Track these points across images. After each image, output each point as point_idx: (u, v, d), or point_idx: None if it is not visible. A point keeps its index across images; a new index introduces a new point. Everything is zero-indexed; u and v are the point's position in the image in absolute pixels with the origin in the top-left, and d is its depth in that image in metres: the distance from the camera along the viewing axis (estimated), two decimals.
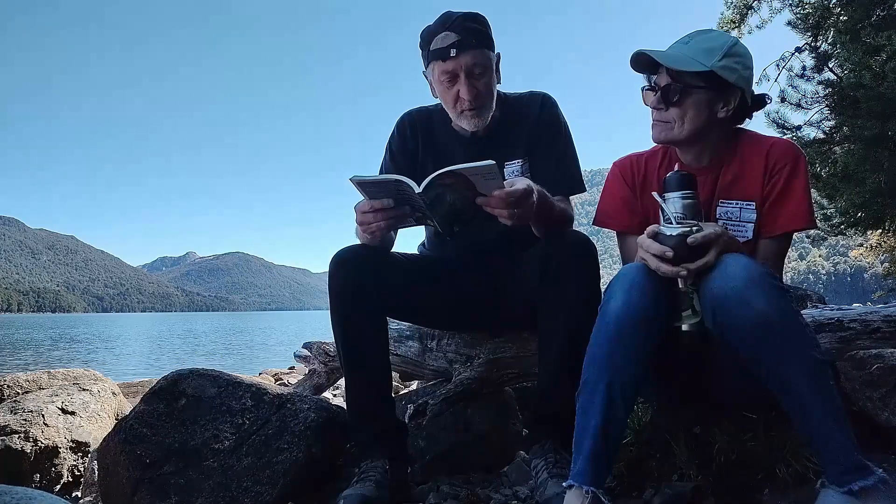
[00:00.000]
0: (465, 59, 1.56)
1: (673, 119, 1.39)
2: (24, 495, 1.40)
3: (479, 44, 1.58)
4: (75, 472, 2.64)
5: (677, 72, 1.35)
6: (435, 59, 1.59)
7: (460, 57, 1.55)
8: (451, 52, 1.55)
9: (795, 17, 7.41)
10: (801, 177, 1.39)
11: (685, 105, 1.37)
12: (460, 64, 1.56)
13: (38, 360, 16.06)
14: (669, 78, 1.37)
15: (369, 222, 1.43)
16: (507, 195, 1.31)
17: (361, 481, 1.49)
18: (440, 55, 1.57)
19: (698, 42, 1.37)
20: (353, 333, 1.60)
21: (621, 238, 1.57)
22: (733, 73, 1.33)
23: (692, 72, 1.34)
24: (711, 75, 1.33)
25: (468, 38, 1.55)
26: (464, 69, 1.57)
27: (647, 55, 1.38)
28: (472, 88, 1.59)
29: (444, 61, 1.57)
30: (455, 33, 1.55)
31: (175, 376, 1.81)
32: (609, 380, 1.18)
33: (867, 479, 1.05)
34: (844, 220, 7.66)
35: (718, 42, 1.35)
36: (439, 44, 1.56)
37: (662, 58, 1.36)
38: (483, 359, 1.93)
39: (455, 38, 1.55)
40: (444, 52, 1.56)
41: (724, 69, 1.32)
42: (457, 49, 1.54)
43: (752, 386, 1.19)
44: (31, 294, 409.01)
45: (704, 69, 1.32)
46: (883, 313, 1.79)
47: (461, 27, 1.56)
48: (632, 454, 1.56)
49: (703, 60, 1.33)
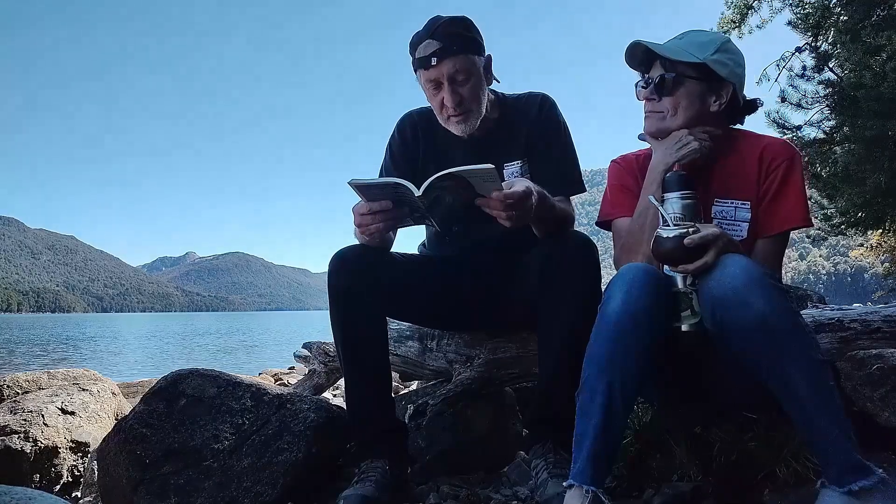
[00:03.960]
0: (447, 67, 1.56)
1: (666, 109, 1.42)
2: (24, 495, 1.40)
3: (462, 49, 1.57)
4: (75, 472, 2.64)
5: (671, 62, 1.39)
6: (419, 68, 1.61)
7: (441, 65, 1.56)
8: (432, 60, 1.56)
9: (795, 17, 7.42)
10: (797, 175, 1.40)
11: (678, 95, 1.40)
12: (442, 72, 1.56)
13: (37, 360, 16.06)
14: (663, 69, 1.41)
15: (368, 224, 1.43)
16: (506, 197, 1.31)
17: (361, 481, 1.49)
18: (422, 64, 1.58)
19: (692, 37, 1.42)
20: (352, 333, 1.60)
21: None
22: (725, 67, 1.38)
23: (685, 62, 1.38)
24: (704, 68, 1.37)
25: (450, 44, 1.55)
26: (446, 77, 1.57)
27: (641, 48, 1.43)
28: (455, 95, 1.59)
29: (427, 69, 1.58)
30: (437, 41, 1.55)
31: (175, 376, 1.81)
32: (609, 380, 1.18)
33: (867, 479, 1.05)
34: (845, 220, 7.66)
35: (711, 38, 1.41)
36: (422, 52, 1.58)
37: (658, 48, 1.40)
38: (483, 359, 1.93)
39: (437, 46, 1.55)
40: (426, 60, 1.57)
41: (716, 63, 1.37)
42: (437, 57, 1.55)
43: (752, 386, 1.20)
44: (31, 294, 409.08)
45: (697, 61, 1.37)
46: (883, 313, 1.79)
47: (444, 34, 1.56)
48: (632, 454, 1.56)
49: (697, 53, 1.37)
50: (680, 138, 1.40)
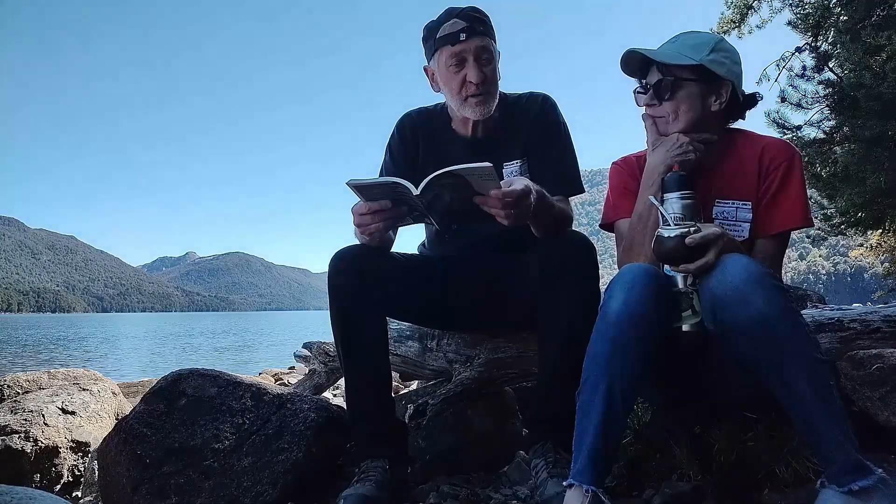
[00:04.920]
0: (475, 43, 1.60)
1: (667, 113, 1.41)
2: (24, 495, 1.40)
3: (486, 33, 1.63)
4: (75, 472, 2.64)
5: (667, 67, 1.39)
6: (443, 45, 1.62)
7: (470, 41, 1.60)
8: (461, 35, 1.59)
9: (795, 17, 7.42)
10: (797, 175, 1.40)
11: (678, 98, 1.39)
12: (470, 47, 1.60)
13: (38, 360, 16.05)
14: (660, 74, 1.40)
15: (367, 224, 1.43)
16: (505, 195, 1.31)
17: (361, 481, 1.49)
18: (449, 39, 1.61)
19: (685, 39, 1.42)
20: (352, 333, 1.60)
21: None
22: (722, 66, 1.37)
23: (682, 65, 1.37)
24: (701, 69, 1.37)
25: (476, 25, 1.61)
26: (473, 52, 1.61)
27: (636, 56, 1.42)
28: (480, 73, 1.62)
29: (454, 45, 1.61)
30: (463, 20, 1.60)
31: (175, 376, 1.81)
32: (609, 379, 1.18)
33: (867, 478, 1.05)
34: (844, 220, 7.66)
35: (705, 38, 1.41)
36: (448, 29, 1.61)
37: (652, 54, 1.40)
38: (483, 359, 1.93)
39: (464, 24, 1.60)
40: (453, 36, 1.60)
41: (712, 62, 1.36)
42: (466, 34, 1.59)
43: (752, 386, 1.20)
44: (31, 294, 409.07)
45: (694, 62, 1.36)
46: (883, 313, 1.79)
47: (468, 16, 1.61)
48: (632, 454, 1.56)
49: (692, 55, 1.37)
50: (675, 140, 1.40)
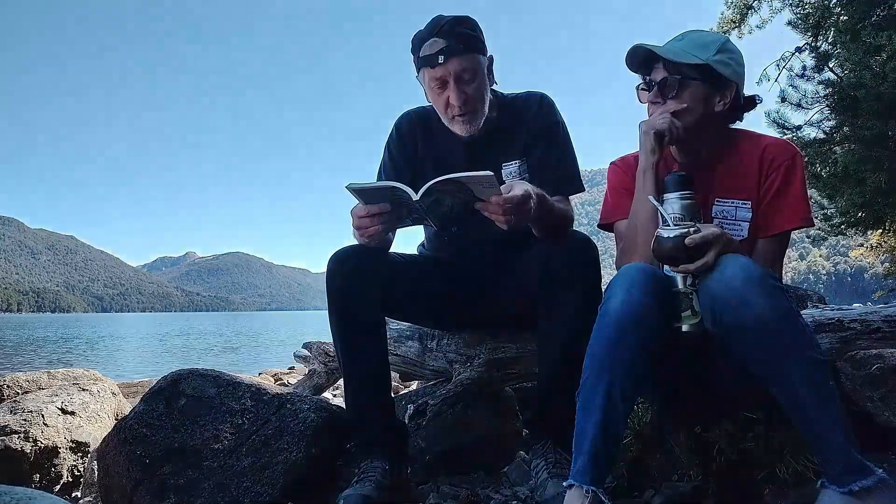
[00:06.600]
0: (454, 66, 1.55)
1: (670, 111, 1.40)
2: (24, 495, 1.40)
3: (468, 49, 1.57)
4: (75, 472, 2.64)
5: (674, 65, 1.38)
6: (424, 66, 1.59)
7: (448, 63, 1.55)
8: (438, 58, 1.54)
9: (795, 17, 7.43)
10: (798, 175, 1.40)
11: (683, 98, 1.39)
12: (448, 70, 1.55)
13: (37, 360, 16.05)
14: (666, 72, 1.39)
15: (367, 226, 1.43)
16: (505, 201, 1.30)
17: (361, 481, 1.49)
18: (428, 62, 1.57)
19: (692, 38, 1.41)
20: (351, 334, 1.59)
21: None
22: (727, 67, 1.37)
23: (689, 64, 1.37)
24: (707, 69, 1.36)
25: (456, 43, 1.55)
26: (452, 75, 1.56)
27: (643, 51, 1.41)
28: (461, 94, 1.58)
29: (433, 68, 1.57)
30: (443, 39, 1.54)
31: (175, 376, 1.81)
32: (609, 379, 1.18)
33: (867, 479, 1.05)
34: (845, 220, 7.66)
35: (712, 38, 1.40)
36: (427, 50, 1.56)
37: (660, 50, 1.39)
38: (483, 359, 1.93)
39: (443, 45, 1.54)
40: (432, 58, 1.56)
41: (718, 63, 1.36)
42: (444, 55, 1.54)
43: (752, 386, 1.20)
44: (31, 294, 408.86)
45: (700, 62, 1.36)
46: (883, 313, 1.79)
47: (449, 33, 1.55)
48: (632, 454, 1.56)
49: (699, 54, 1.36)
50: (659, 113, 1.39)
